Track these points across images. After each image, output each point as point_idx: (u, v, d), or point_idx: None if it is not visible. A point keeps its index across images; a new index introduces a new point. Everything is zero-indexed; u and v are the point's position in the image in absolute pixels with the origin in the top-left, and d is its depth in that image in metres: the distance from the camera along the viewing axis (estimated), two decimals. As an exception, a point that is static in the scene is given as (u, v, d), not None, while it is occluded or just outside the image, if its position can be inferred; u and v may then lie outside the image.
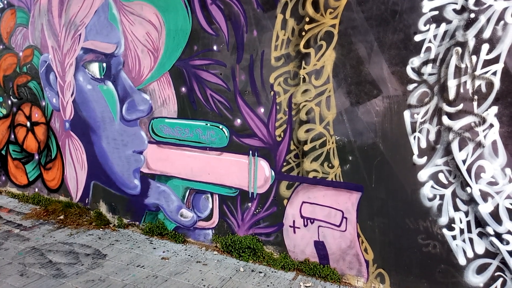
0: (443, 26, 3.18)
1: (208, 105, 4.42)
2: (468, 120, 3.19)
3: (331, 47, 3.67)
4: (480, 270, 3.29)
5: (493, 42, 3.02)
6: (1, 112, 6.51)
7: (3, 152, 6.61)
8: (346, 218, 3.81)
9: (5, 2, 6.10)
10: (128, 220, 5.28)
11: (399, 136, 3.47)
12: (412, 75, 3.35)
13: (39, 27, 5.72)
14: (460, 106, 3.20)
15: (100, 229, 5.19)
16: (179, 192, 4.80)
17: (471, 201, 3.27)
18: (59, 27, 5.45)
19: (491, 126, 3.10)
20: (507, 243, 3.16)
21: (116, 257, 4.39)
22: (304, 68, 3.82)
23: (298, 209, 4.05)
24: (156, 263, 4.25)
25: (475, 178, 3.22)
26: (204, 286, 3.77)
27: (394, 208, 3.57)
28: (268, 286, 3.78)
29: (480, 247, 3.27)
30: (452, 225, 3.35)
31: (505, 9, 2.96)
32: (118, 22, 4.88)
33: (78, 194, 5.75)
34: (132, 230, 5.18)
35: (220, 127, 4.38)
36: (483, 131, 3.14)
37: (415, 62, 3.32)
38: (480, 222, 3.25)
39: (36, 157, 6.18)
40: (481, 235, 3.26)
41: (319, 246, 3.99)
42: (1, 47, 6.28)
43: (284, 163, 4.06)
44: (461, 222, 3.32)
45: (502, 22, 2.98)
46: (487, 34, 3.04)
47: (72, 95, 5.48)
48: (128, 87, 4.93)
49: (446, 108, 3.26)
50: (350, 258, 3.85)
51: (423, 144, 3.39)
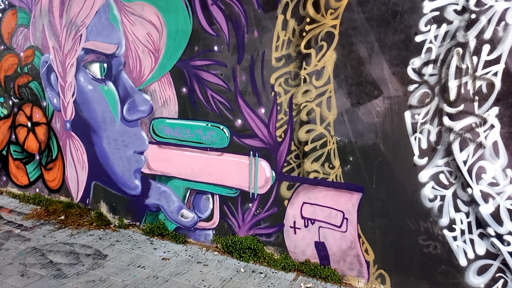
0: (444, 27, 3.18)
1: (209, 105, 4.42)
2: (469, 120, 3.18)
3: (331, 48, 3.67)
4: (481, 271, 3.28)
5: (494, 42, 3.02)
6: (2, 112, 6.52)
7: (4, 152, 6.61)
8: (347, 219, 3.81)
9: (6, 2, 6.11)
10: (128, 221, 5.28)
11: (399, 137, 3.47)
12: (413, 75, 3.35)
13: (40, 28, 5.72)
14: (461, 107, 3.20)
15: (101, 229, 5.20)
16: (180, 192, 4.80)
17: (472, 202, 3.26)
18: (60, 28, 5.46)
19: (492, 127, 3.10)
20: (508, 244, 3.15)
21: (116, 257, 4.39)
22: (304, 68, 3.82)
23: (298, 209, 4.05)
24: (157, 263, 4.25)
25: (476, 179, 3.22)
26: (204, 286, 3.77)
27: (394, 209, 3.57)
28: (268, 286, 3.78)
29: (481, 248, 3.26)
30: (453, 226, 3.35)
31: (506, 9, 2.96)
32: (119, 22, 4.89)
33: (79, 195, 5.75)
34: (133, 230, 5.18)
35: (221, 127, 4.38)
36: (484, 131, 3.14)
37: (416, 62, 3.32)
38: (481, 223, 3.25)
39: (37, 157, 6.18)
40: (482, 236, 3.25)
41: (320, 247, 3.99)
42: (2, 47, 6.29)
43: (285, 164, 4.06)
44: (462, 223, 3.32)
45: (503, 23, 2.97)
46: (488, 35, 3.03)
47: (73, 96, 5.48)
48: (129, 87, 4.94)
49: (447, 108, 3.25)
50: (351, 259, 3.84)
51: (424, 145, 3.38)
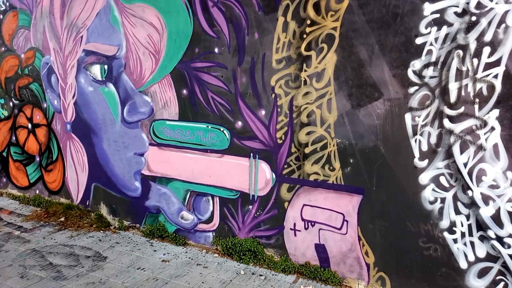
0: (444, 29, 3.18)
1: (209, 107, 4.42)
2: (469, 123, 3.18)
3: (332, 50, 3.67)
4: (482, 273, 3.27)
5: (494, 45, 3.02)
6: (2, 113, 6.52)
7: (4, 153, 6.62)
8: (347, 221, 3.80)
9: (7, 4, 6.13)
10: (128, 222, 5.28)
11: (400, 139, 3.46)
12: (413, 78, 3.35)
13: (41, 29, 5.73)
14: (461, 109, 3.20)
15: (101, 231, 5.19)
16: (180, 194, 4.79)
17: (472, 204, 3.26)
18: (61, 29, 5.47)
19: (492, 129, 3.10)
20: (509, 246, 3.14)
21: (116, 259, 4.38)
22: (305, 70, 3.82)
23: (299, 211, 4.05)
24: (157, 265, 4.25)
25: (476, 181, 3.21)
26: (204, 288, 3.77)
27: (395, 211, 3.56)
28: (268, 289, 3.78)
29: (481, 250, 3.25)
30: (453, 228, 3.34)
31: (506, 12, 2.96)
32: (119, 24, 4.90)
33: (79, 196, 5.75)
34: (133, 232, 5.18)
35: (221, 129, 4.38)
36: (484, 134, 3.13)
37: (416, 65, 3.32)
38: (481, 226, 3.24)
39: (37, 159, 6.18)
40: (482, 238, 3.24)
41: (320, 249, 3.98)
42: (3, 49, 6.30)
43: (285, 166, 4.06)
44: (462, 226, 3.31)
45: (503, 25, 2.98)
46: (488, 37, 3.03)
47: (73, 97, 5.49)
48: (129, 89, 4.94)
49: (447, 111, 3.25)
50: (351, 261, 3.83)
51: (424, 147, 3.38)
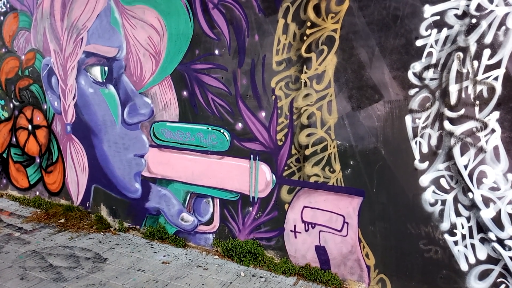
0: (445, 31, 3.18)
1: (210, 109, 4.42)
2: (469, 125, 3.18)
3: (332, 52, 3.67)
4: (482, 276, 3.27)
5: (494, 47, 3.02)
6: (3, 115, 6.52)
7: (5, 155, 6.62)
8: (347, 223, 3.80)
9: (8, 5, 6.13)
10: (129, 224, 5.27)
11: (400, 141, 3.46)
12: (413, 80, 3.35)
13: (41, 31, 5.74)
14: (462, 111, 3.20)
15: (101, 232, 5.19)
16: (180, 196, 4.79)
17: (473, 206, 3.25)
18: (61, 31, 5.47)
19: (493, 131, 3.10)
20: (510, 249, 3.14)
21: (116, 261, 4.38)
22: (305, 72, 3.82)
23: (299, 213, 4.04)
24: (157, 267, 4.24)
25: (477, 183, 3.21)
26: (204, 290, 3.77)
27: (395, 213, 3.56)
28: (268, 291, 3.78)
29: (482, 253, 3.25)
30: (454, 230, 3.34)
31: (506, 14, 2.96)
32: (120, 26, 4.90)
33: (79, 198, 5.75)
34: (133, 234, 5.17)
35: (221, 131, 4.38)
36: (485, 136, 3.13)
37: (417, 67, 3.32)
38: (482, 228, 3.24)
39: (37, 160, 6.18)
40: (483, 240, 3.24)
41: (320, 251, 3.98)
42: (3, 50, 6.30)
43: (285, 168, 4.05)
44: (463, 228, 3.31)
45: (504, 28, 2.98)
46: (488, 39, 3.03)
47: (73, 99, 5.49)
48: (129, 90, 4.94)
49: (448, 113, 3.25)
50: (351, 263, 3.83)
51: (425, 149, 3.38)
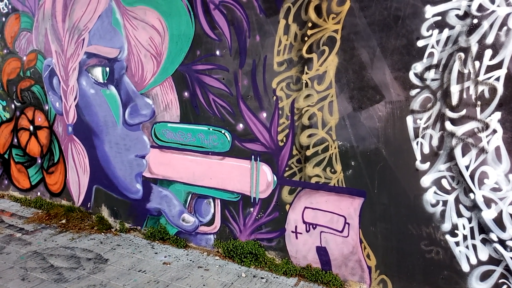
0: (446, 32, 3.18)
1: (211, 109, 4.42)
2: (471, 125, 3.18)
3: (333, 52, 3.67)
4: (484, 277, 3.26)
5: (496, 47, 3.02)
6: (4, 116, 6.54)
7: (6, 156, 6.63)
8: (349, 224, 3.79)
9: (9, 6, 6.15)
10: (130, 225, 5.28)
11: (401, 142, 3.46)
12: (414, 80, 3.34)
13: (43, 32, 5.75)
14: (463, 112, 3.19)
15: (102, 233, 5.19)
16: (181, 196, 4.79)
17: (474, 207, 3.25)
18: (62, 32, 5.48)
19: (494, 131, 3.09)
20: (511, 249, 3.13)
21: (117, 261, 4.38)
22: (306, 73, 3.82)
23: (300, 214, 4.04)
24: (158, 268, 4.24)
25: (479, 184, 3.20)
26: (205, 291, 3.76)
27: (396, 214, 3.55)
28: (270, 291, 3.77)
29: (484, 253, 3.24)
30: (455, 231, 3.33)
31: (508, 14, 2.96)
32: (121, 27, 4.91)
33: (80, 198, 5.75)
34: (134, 234, 5.17)
35: (223, 131, 4.38)
36: (486, 136, 3.13)
37: (418, 67, 3.31)
38: (483, 229, 3.23)
39: (39, 161, 6.19)
40: (484, 241, 3.23)
41: (321, 252, 3.97)
42: (5, 51, 6.32)
43: (286, 168, 4.05)
44: (464, 228, 3.30)
45: (505, 28, 2.97)
46: (490, 40, 3.03)
47: (75, 100, 5.50)
48: (131, 91, 4.95)
49: (449, 113, 3.25)
50: (353, 264, 3.82)
51: (426, 150, 3.38)
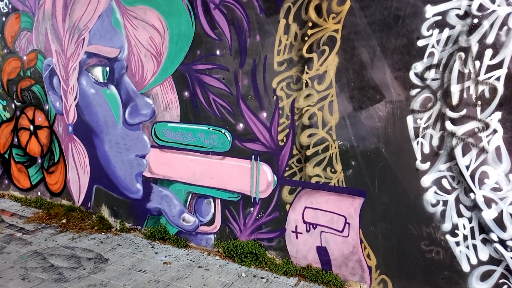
0: (446, 31, 3.17)
1: (211, 109, 4.42)
2: (471, 125, 3.17)
3: (333, 52, 3.67)
4: (484, 277, 3.26)
5: (496, 47, 3.01)
6: (4, 115, 6.54)
7: (6, 155, 6.63)
8: (349, 224, 3.79)
9: (10, 6, 6.14)
10: (130, 225, 5.28)
11: (402, 141, 3.45)
12: (415, 80, 3.34)
13: (43, 31, 5.75)
14: (464, 112, 3.19)
15: (102, 233, 5.19)
16: (181, 196, 4.79)
17: (474, 207, 3.24)
18: (63, 32, 5.48)
19: (495, 131, 3.09)
20: (511, 249, 3.14)
21: (118, 261, 4.38)
22: (306, 73, 3.82)
23: (300, 214, 4.04)
24: (158, 267, 4.24)
25: (479, 184, 3.20)
26: (205, 291, 3.76)
27: (397, 214, 3.55)
28: (270, 291, 3.77)
29: (484, 253, 3.24)
30: (456, 231, 3.33)
31: (508, 14, 2.95)
32: (121, 26, 4.91)
33: (80, 198, 5.75)
34: (134, 234, 5.17)
35: (223, 131, 4.38)
36: (487, 136, 3.12)
37: (418, 67, 3.31)
38: (484, 228, 3.23)
39: (39, 160, 6.19)
40: (485, 241, 3.23)
41: (322, 252, 3.97)
42: (5, 51, 6.32)
43: (287, 168, 4.05)
44: (464, 228, 3.30)
45: (506, 28, 2.97)
46: (490, 40, 3.03)
47: (75, 99, 5.49)
48: (131, 91, 4.94)
49: (449, 113, 3.24)
50: (353, 264, 3.82)
51: (426, 150, 3.37)
